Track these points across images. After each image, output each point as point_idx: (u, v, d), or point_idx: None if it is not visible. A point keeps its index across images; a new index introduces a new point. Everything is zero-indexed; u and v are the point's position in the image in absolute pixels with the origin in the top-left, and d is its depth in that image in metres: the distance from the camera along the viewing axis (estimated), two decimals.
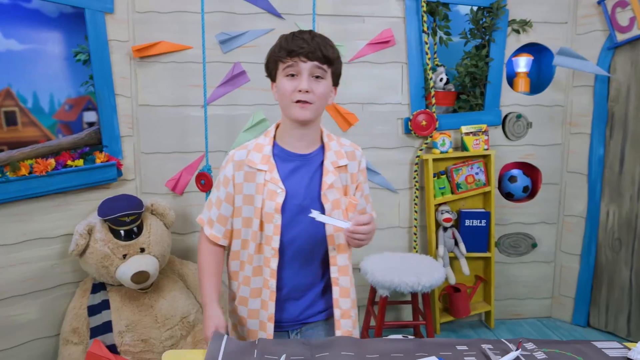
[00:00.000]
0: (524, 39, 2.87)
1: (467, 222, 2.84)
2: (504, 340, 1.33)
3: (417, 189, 2.87)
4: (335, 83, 1.33)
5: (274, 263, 1.31)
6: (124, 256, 2.33)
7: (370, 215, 1.31)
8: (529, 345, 1.29)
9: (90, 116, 2.73)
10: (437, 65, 2.89)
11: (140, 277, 2.27)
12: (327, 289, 1.39)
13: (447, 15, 2.81)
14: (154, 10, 2.59)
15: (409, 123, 2.78)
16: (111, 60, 2.54)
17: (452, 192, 2.83)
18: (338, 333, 1.37)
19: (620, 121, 2.74)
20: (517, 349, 1.23)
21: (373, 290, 2.61)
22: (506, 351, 1.25)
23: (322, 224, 1.32)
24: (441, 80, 2.83)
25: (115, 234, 2.35)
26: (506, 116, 2.90)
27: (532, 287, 3.09)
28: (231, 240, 1.39)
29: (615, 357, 1.26)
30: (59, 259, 2.46)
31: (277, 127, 1.38)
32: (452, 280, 2.82)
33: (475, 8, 2.82)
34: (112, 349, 2.29)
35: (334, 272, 1.36)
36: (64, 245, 2.45)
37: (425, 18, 2.74)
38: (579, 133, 2.91)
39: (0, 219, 2.27)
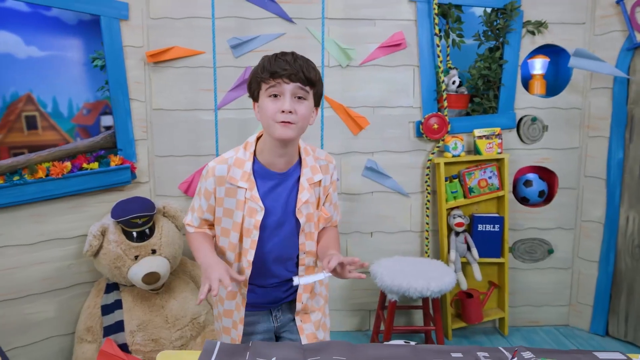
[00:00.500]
0: (540, 40, 2.81)
1: (480, 227, 2.79)
2: (501, 349, 1.30)
3: (428, 193, 2.84)
4: (317, 104, 1.36)
5: (248, 272, 1.42)
6: (136, 257, 2.38)
7: (336, 257, 1.33)
8: (527, 354, 1.27)
9: (107, 120, 2.80)
10: (450, 68, 2.86)
11: (150, 278, 2.32)
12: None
13: (460, 18, 2.77)
14: (167, 17, 2.64)
15: (421, 126, 2.76)
16: (126, 66, 2.60)
17: (465, 197, 2.79)
18: (297, 319, 1.52)
19: None
20: (512, 358, 1.20)
21: (383, 295, 2.59)
22: None
23: (297, 238, 1.44)
24: (454, 83, 2.80)
25: (128, 236, 2.40)
26: (521, 119, 2.85)
27: (549, 294, 3.02)
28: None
29: None
30: (75, 259, 2.53)
31: (257, 138, 1.41)
32: (464, 286, 2.78)
33: (488, 10, 2.78)
34: (124, 347, 2.34)
35: (301, 272, 1.49)
36: (79, 245, 2.52)
37: (437, 20, 2.71)
38: (597, 136, 2.84)
39: (19, 219, 2.36)
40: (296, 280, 1.35)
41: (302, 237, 1.44)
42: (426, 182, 2.83)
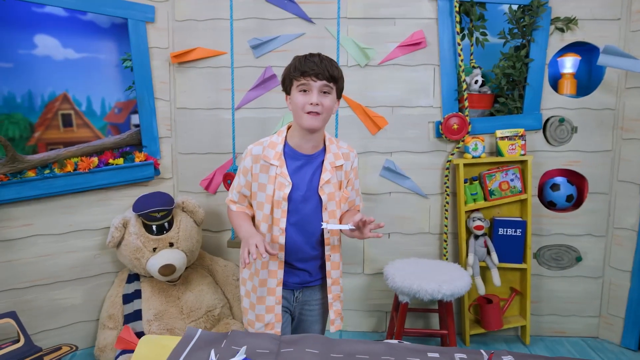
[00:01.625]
0: (569, 37, 2.69)
1: (501, 231, 2.70)
2: (482, 351, 1.27)
3: (447, 195, 2.78)
4: (339, 97, 1.60)
5: (282, 239, 1.62)
6: (154, 249, 2.49)
7: (360, 214, 1.56)
8: (507, 358, 1.23)
9: (137, 119, 2.94)
10: (474, 67, 2.79)
11: (166, 269, 2.41)
12: (322, 264, 1.71)
13: (483, 15, 2.70)
14: (191, 19, 2.74)
15: (440, 126, 2.71)
16: (152, 66, 2.72)
17: (485, 199, 2.71)
18: (329, 296, 1.72)
19: None
20: (488, 359, 1.17)
21: (397, 296, 2.56)
22: None
23: (320, 213, 1.63)
24: (476, 82, 2.73)
25: (148, 229, 2.51)
26: (547, 120, 2.74)
27: (577, 303, 2.87)
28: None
29: None
30: (100, 249, 2.67)
31: (288, 128, 1.65)
32: (482, 291, 2.69)
33: (514, 7, 2.69)
34: (141, 335, 2.44)
35: (327, 250, 1.68)
36: (104, 237, 2.66)
37: (458, 19, 2.66)
38: (632, 139, 2.68)
39: (50, 210, 2.52)
40: (324, 225, 1.58)
41: (325, 214, 1.63)
42: (445, 183, 2.78)
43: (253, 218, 1.69)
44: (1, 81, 2.47)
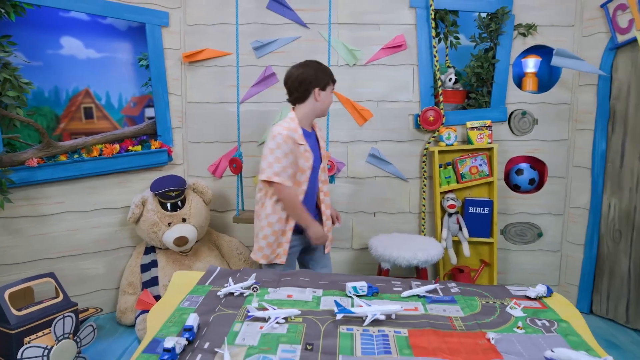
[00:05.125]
0: (530, 41, 3.09)
1: (471, 210, 3.10)
2: (434, 284, 1.66)
3: (425, 178, 3.18)
4: None
5: (302, 197, 2.21)
6: (169, 224, 2.87)
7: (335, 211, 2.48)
8: (451, 285, 1.62)
9: (150, 112, 3.32)
10: (448, 66, 3.18)
11: (180, 241, 2.79)
12: (319, 211, 2.41)
13: (456, 22, 3.10)
14: (201, 23, 3.12)
15: (418, 118, 3.10)
16: (165, 65, 3.10)
17: (457, 182, 3.11)
18: (324, 228, 2.32)
19: (621, 118, 2.89)
20: (435, 283, 1.56)
21: (379, 264, 2.95)
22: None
23: (317, 181, 2.34)
24: (450, 80, 3.13)
25: (163, 206, 2.89)
26: (512, 113, 3.14)
27: (539, 274, 3.28)
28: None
29: (516, 295, 1.54)
30: (120, 226, 3.05)
31: (294, 117, 2.22)
32: (454, 261, 3.09)
33: (483, 14, 3.09)
34: (157, 298, 2.83)
35: (321, 196, 2.38)
36: (125, 215, 3.03)
37: (434, 24, 3.05)
38: (583, 129, 3.08)
39: (79, 190, 2.89)
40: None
41: (322, 173, 2.34)
42: (423, 168, 3.17)
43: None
44: (32, 78, 2.83)
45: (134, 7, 2.94)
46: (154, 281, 2.88)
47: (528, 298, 1.70)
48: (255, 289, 1.54)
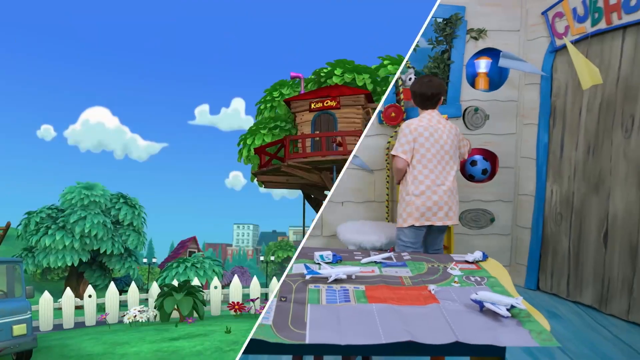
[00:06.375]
0: (482, 44, 3.42)
1: None
2: (389, 253, 1.93)
3: (389, 170, 3.47)
4: None
5: None
6: None
7: None
8: (404, 253, 1.89)
9: None
10: (408, 67, 3.49)
11: None
12: None
13: None
14: None
15: (382, 115, 3.39)
16: None
17: None
18: None
19: (561, 113, 3.24)
20: (389, 251, 1.83)
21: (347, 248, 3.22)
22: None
23: None
24: (410, 79, 3.43)
25: None
26: (466, 109, 3.46)
27: (492, 256, 3.55)
28: None
29: (457, 260, 1.83)
30: None
31: None
32: None
33: (439, 20, 3.40)
34: None
35: None
36: None
37: None
38: (529, 124, 3.43)
39: None
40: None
41: None
42: (386, 160, 3.46)
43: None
44: None
45: None
46: None
47: (467, 262, 1.98)
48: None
